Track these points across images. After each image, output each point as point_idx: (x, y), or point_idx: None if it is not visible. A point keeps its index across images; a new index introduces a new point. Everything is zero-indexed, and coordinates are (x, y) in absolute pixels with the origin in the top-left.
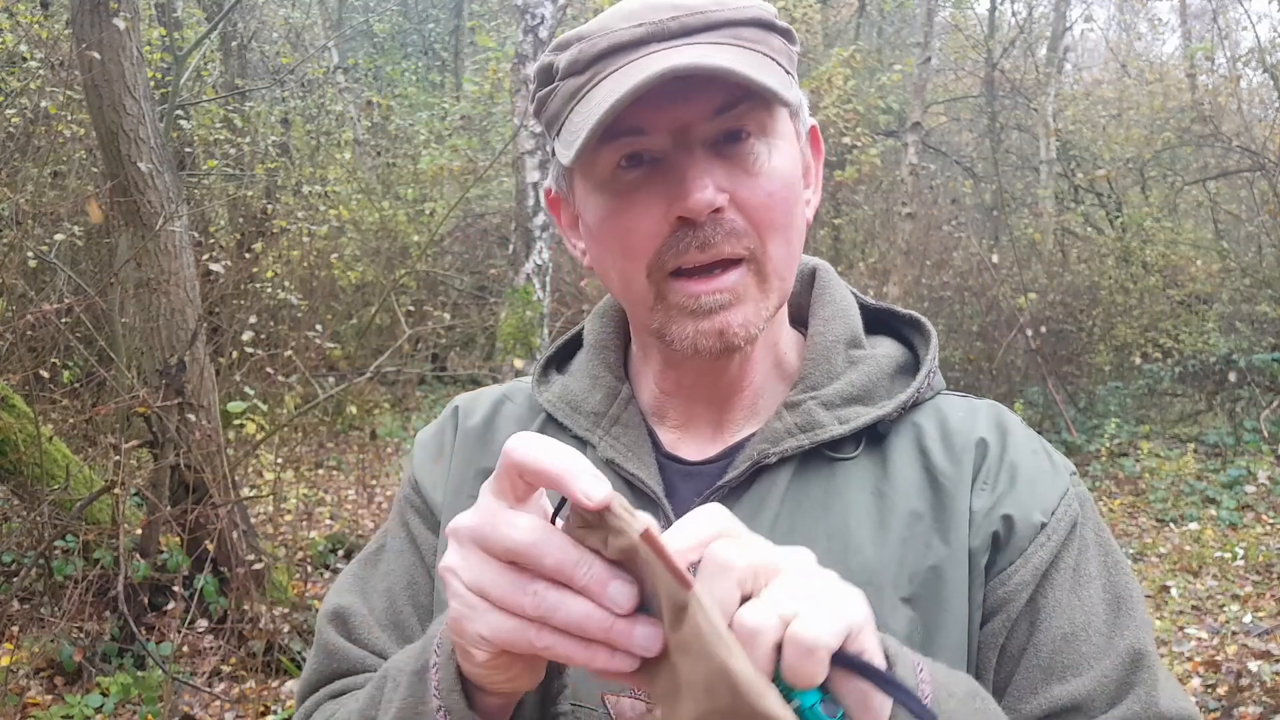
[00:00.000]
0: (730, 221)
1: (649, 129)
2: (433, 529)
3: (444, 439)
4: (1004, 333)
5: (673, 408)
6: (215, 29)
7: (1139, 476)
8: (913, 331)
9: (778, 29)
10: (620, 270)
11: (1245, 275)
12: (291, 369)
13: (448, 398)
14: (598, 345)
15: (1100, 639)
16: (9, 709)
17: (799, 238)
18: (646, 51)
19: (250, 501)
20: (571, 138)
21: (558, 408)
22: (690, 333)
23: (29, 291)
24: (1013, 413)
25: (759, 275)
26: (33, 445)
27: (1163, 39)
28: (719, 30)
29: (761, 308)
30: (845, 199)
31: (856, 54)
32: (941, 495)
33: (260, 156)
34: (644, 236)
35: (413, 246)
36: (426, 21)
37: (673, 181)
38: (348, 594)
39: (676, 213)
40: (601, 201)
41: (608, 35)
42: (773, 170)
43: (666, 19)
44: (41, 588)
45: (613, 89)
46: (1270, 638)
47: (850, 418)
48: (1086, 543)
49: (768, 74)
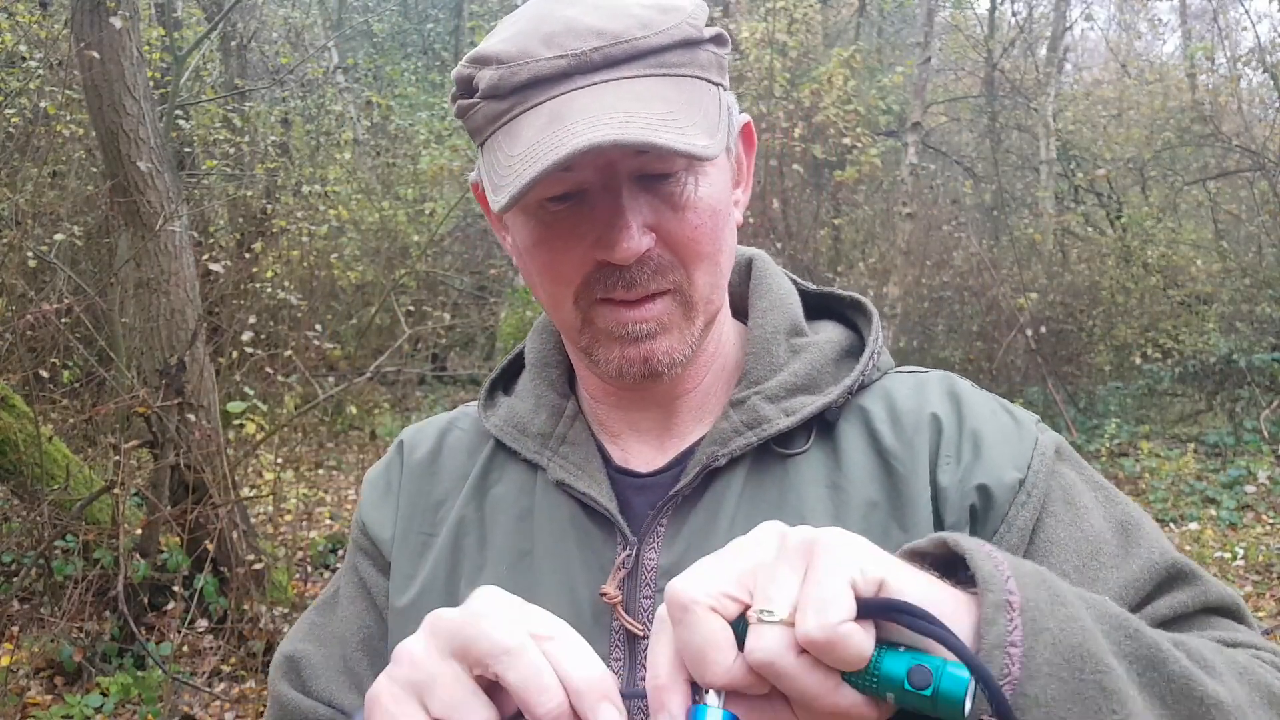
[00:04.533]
0: (656, 259)
1: (575, 166)
2: (382, 570)
3: (391, 476)
4: (1004, 333)
5: (615, 419)
6: (215, 29)
7: (1139, 476)
8: (855, 313)
9: (704, 40)
10: (548, 293)
11: (1245, 275)
12: (291, 369)
13: (447, 398)
14: (539, 363)
15: (1116, 559)
16: (9, 709)
17: (728, 259)
18: (569, 87)
19: (250, 501)
20: (500, 181)
21: (505, 432)
22: (616, 358)
23: (29, 291)
24: (963, 379)
25: (684, 304)
26: (33, 445)
27: (1163, 39)
28: (643, 60)
29: (687, 334)
30: (845, 199)
31: (856, 54)
32: (896, 480)
33: (260, 156)
34: (570, 267)
35: (413, 246)
36: (426, 21)
37: (600, 223)
38: (301, 640)
39: (602, 257)
40: (529, 228)
41: (528, 65)
42: (698, 202)
43: (590, 50)
44: (41, 588)
45: (536, 142)
46: (1270, 638)
47: (796, 409)
48: (1071, 481)
49: (694, 115)
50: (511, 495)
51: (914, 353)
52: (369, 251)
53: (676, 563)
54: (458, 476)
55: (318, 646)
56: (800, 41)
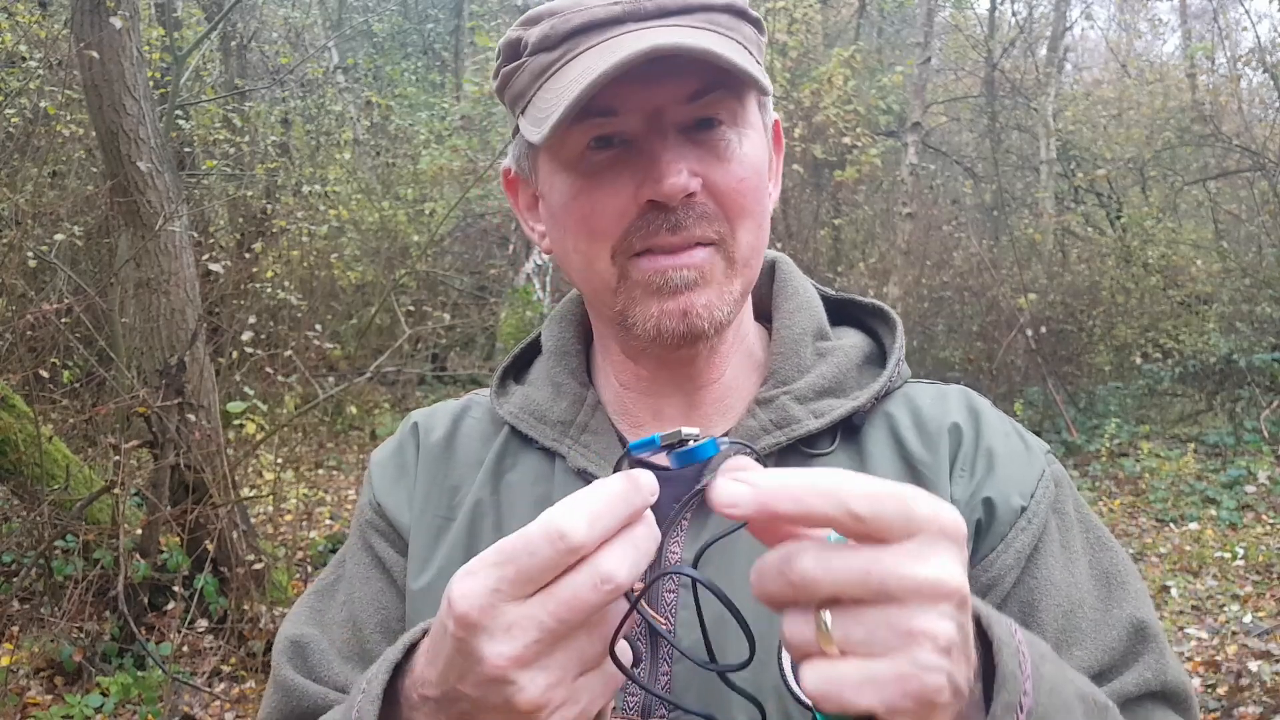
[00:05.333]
0: (702, 205)
1: (621, 110)
2: (401, 551)
3: (405, 457)
4: (1004, 333)
5: (638, 405)
6: (215, 29)
7: (1139, 476)
8: (876, 320)
9: (749, 18)
10: (583, 252)
11: (1245, 275)
12: (291, 369)
13: (447, 397)
14: (558, 351)
15: (1096, 614)
16: (9, 709)
17: (766, 226)
18: (622, 31)
19: (250, 501)
20: (542, 115)
21: (521, 419)
22: (654, 313)
23: (29, 291)
24: (981, 396)
25: (727, 259)
26: (33, 445)
27: (1163, 39)
28: (694, 14)
29: (726, 292)
30: (845, 199)
31: (856, 54)
32: (922, 483)
33: (260, 156)
34: (611, 217)
35: (413, 246)
36: (426, 21)
37: (645, 164)
38: (304, 624)
39: (648, 195)
40: (568, 181)
41: (582, 12)
42: (744, 157)
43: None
44: (41, 588)
45: (589, 66)
46: (1270, 638)
47: (824, 411)
48: (1069, 521)
49: (745, 61)
50: (527, 482)
51: (914, 353)
52: (369, 251)
53: (699, 557)
54: (473, 462)
55: (322, 630)
56: (800, 41)
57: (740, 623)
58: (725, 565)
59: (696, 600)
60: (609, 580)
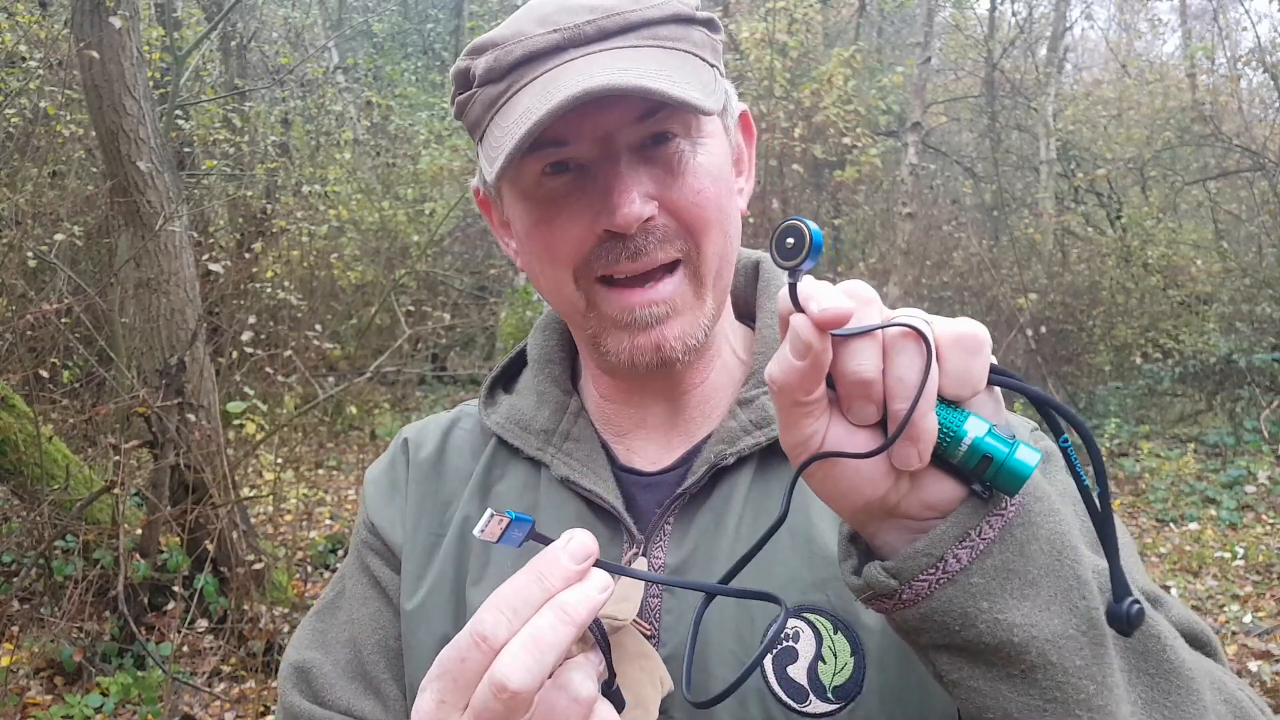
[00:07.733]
0: (661, 228)
1: (572, 138)
2: (396, 569)
3: (396, 475)
4: (1004, 333)
5: (621, 414)
6: (215, 29)
7: (1139, 476)
8: None
9: (698, 20)
10: (550, 277)
11: (1245, 275)
12: (291, 369)
13: (447, 398)
14: (542, 360)
15: None
16: (9, 709)
17: (734, 229)
18: (563, 59)
19: (250, 501)
20: (494, 152)
21: (506, 429)
22: (626, 347)
23: (29, 291)
24: None
25: (694, 279)
26: (33, 445)
27: (1163, 39)
28: (637, 31)
29: (699, 316)
30: (845, 199)
31: (856, 54)
32: None
33: (260, 156)
34: (571, 245)
35: (413, 246)
36: (426, 21)
37: (599, 193)
38: (307, 648)
39: (604, 225)
40: (528, 209)
41: (523, 42)
42: (698, 168)
43: (582, 23)
44: (41, 588)
45: (530, 106)
46: (1270, 638)
47: None
48: (1058, 490)
49: (689, 78)
50: (515, 493)
51: None
52: (369, 251)
53: (684, 562)
54: (462, 475)
55: (325, 652)
56: (800, 41)
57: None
58: (708, 576)
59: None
60: (503, 689)
